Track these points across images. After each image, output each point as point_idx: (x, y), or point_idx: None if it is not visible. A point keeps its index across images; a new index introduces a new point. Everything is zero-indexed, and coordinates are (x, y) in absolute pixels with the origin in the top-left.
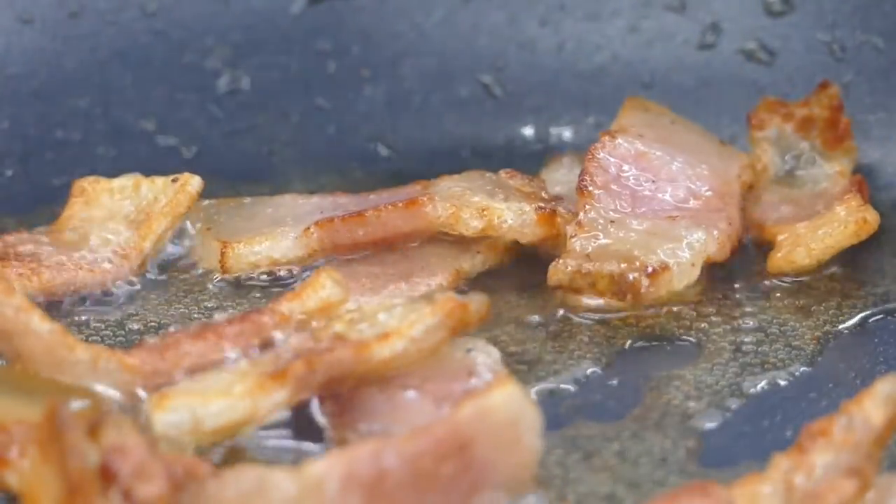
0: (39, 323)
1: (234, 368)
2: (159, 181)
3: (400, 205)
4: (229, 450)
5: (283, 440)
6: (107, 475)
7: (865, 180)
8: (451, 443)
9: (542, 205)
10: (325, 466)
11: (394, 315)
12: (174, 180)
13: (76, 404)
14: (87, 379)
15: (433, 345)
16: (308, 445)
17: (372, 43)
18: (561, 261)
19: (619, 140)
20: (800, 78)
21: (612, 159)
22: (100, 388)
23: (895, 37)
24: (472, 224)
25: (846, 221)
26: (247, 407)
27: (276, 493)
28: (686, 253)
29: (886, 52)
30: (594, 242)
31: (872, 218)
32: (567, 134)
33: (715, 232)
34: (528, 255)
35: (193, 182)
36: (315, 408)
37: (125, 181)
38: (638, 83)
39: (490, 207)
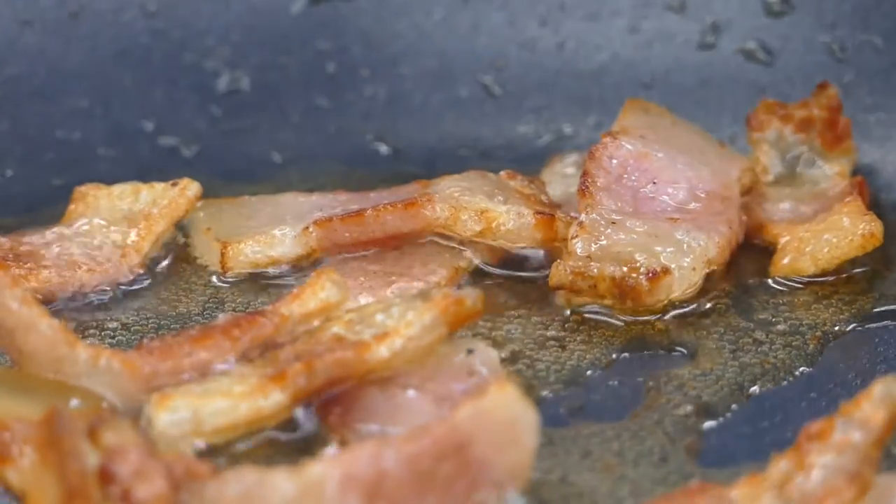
0: (41, 319)
1: (235, 370)
2: (158, 186)
3: (399, 205)
4: (229, 450)
5: (282, 440)
6: (106, 477)
7: (866, 181)
8: (449, 443)
9: (540, 209)
10: (325, 467)
11: (391, 314)
12: (174, 184)
13: (76, 403)
14: (87, 378)
15: (431, 342)
16: (308, 446)
17: (372, 43)
18: (562, 262)
19: (621, 141)
20: (800, 78)
21: (613, 160)
22: (99, 387)
23: (895, 37)
24: (470, 226)
25: (853, 233)
26: (247, 408)
27: (276, 493)
28: (687, 257)
29: (886, 52)
30: (595, 244)
31: (878, 230)
32: (567, 134)
33: (716, 237)
34: (528, 255)
35: (192, 187)
36: (315, 408)
37: (125, 187)
38: (638, 83)
39: (489, 210)
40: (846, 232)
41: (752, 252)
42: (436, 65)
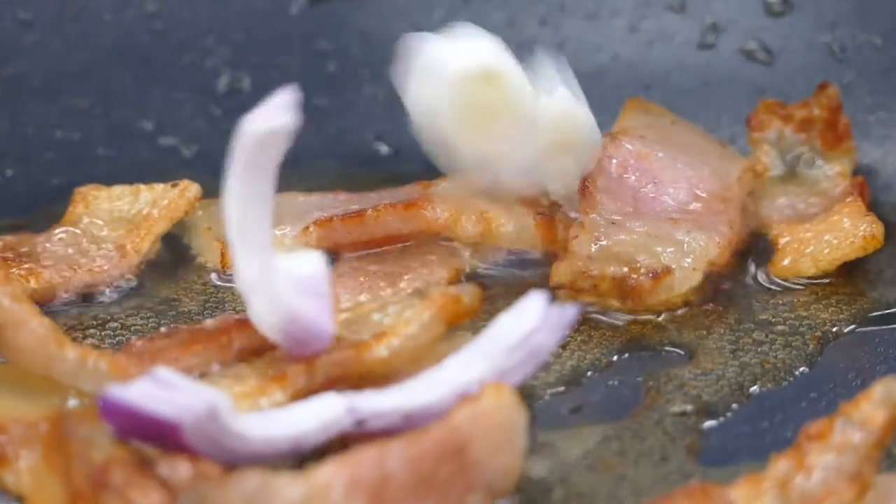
0: (31, 317)
1: (235, 370)
2: (158, 187)
3: (399, 206)
4: None
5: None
6: (97, 491)
7: (866, 181)
8: (449, 445)
9: (540, 211)
10: (331, 472)
11: (388, 314)
12: (173, 186)
13: (74, 403)
14: (75, 378)
15: (430, 340)
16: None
17: (372, 43)
18: (563, 262)
19: (621, 141)
20: (800, 78)
21: (613, 161)
22: (89, 387)
23: (895, 37)
24: (470, 229)
25: (854, 235)
26: (248, 407)
27: (282, 498)
28: (688, 257)
29: (886, 52)
30: (596, 244)
31: (879, 232)
32: None
33: (717, 237)
34: (528, 255)
35: (192, 189)
36: None
37: (125, 188)
38: (638, 83)
39: (489, 213)
40: (847, 233)
41: (752, 252)
42: None
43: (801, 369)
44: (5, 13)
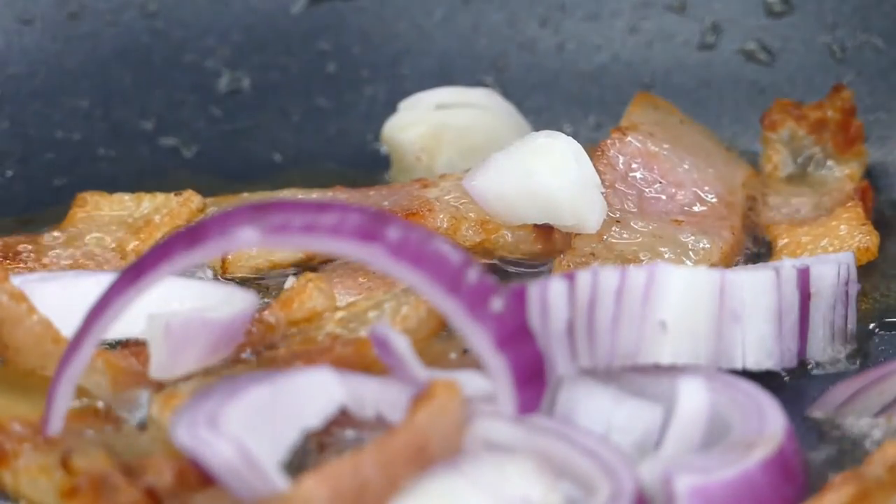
0: (29, 314)
1: (239, 367)
2: (161, 196)
3: (400, 215)
4: None
5: None
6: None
7: (870, 185)
8: (414, 446)
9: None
10: (312, 486)
11: (384, 310)
12: (177, 195)
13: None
14: None
15: (426, 335)
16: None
17: (372, 43)
18: (565, 257)
19: (630, 138)
20: (800, 78)
21: (620, 157)
22: (85, 384)
23: (895, 37)
24: (470, 237)
25: (849, 245)
26: None
27: None
28: (691, 260)
29: (886, 52)
30: (599, 242)
31: (874, 244)
32: (567, 134)
33: (720, 242)
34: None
35: (196, 200)
36: None
37: (127, 195)
38: (638, 83)
39: (489, 222)
40: (842, 241)
41: (752, 252)
42: (436, 65)
43: (802, 369)
44: (5, 13)
